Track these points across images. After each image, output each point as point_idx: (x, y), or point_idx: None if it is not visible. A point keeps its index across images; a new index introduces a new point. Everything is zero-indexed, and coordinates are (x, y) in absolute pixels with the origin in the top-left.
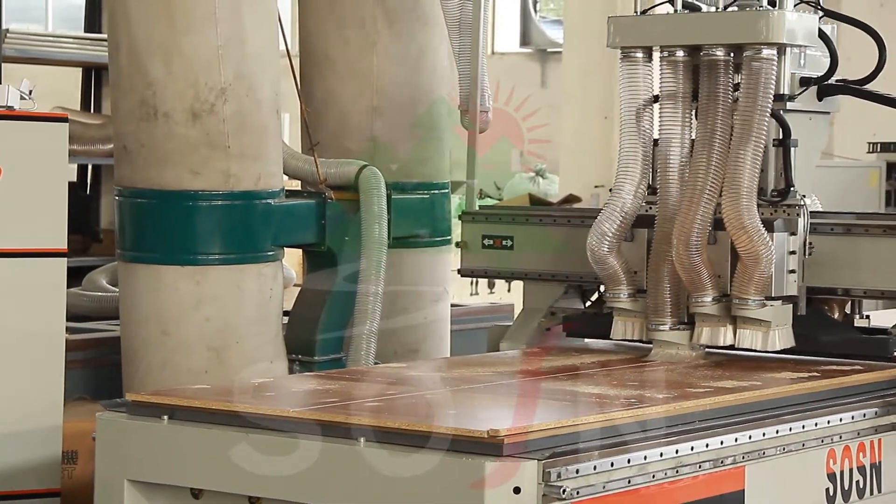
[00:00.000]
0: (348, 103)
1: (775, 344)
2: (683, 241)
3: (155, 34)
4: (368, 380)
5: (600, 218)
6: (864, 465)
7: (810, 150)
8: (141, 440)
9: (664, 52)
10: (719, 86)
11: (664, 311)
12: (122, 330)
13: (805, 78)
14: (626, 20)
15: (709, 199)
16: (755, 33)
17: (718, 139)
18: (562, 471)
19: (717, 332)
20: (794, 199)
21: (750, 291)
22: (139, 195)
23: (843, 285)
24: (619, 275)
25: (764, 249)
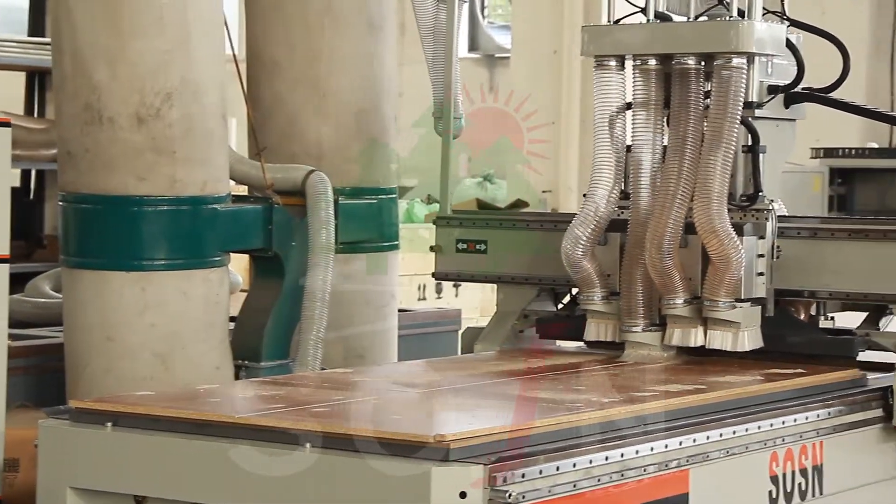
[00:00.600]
0: (295, 108)
1: (744, 344)
2: (656, 245)
3: (100, 39)
4: (315, 385)
5: (574, 222)
6: (806, 468)
7: (777, 156)
8: (84, 447)
9: (637, 60)
10: (690, 93)
11: (637, 312)
12: (66, 336)
13: (773, 86)
14: (600, 29)
15: (681, 203)
16: (725, 43)
17: (690, 145)
18: (507, 475)
19: (689, 334)
20: (762, 203)
21: (720, 294)
22: (84, 200)
23: (810, 287)
24: (593, 278)
25: (734, 253)
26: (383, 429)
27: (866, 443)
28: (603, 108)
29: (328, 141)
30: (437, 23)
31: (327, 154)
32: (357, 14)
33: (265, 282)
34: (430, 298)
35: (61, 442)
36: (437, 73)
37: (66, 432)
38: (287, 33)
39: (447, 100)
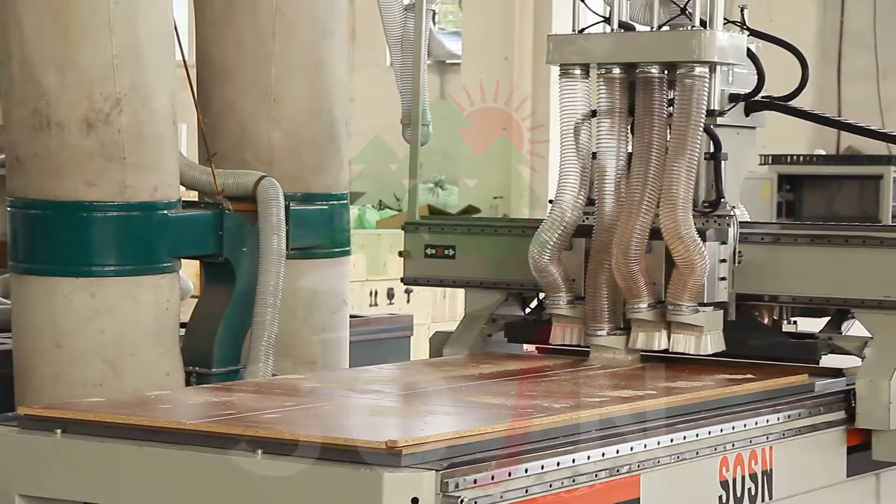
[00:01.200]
0: (246, 114)
1: (707, 348)
2: (623, 250)
3: (48, 44)
4: (266, 391)
5: (541, 228)
6: (755, 473)
7: (739, 163)
8: (33, 454)
9: (601, 69)
10: (654, 102)
11: (602, 316)
12: (15, 342)
13: (734, 94)
14: (565, 38)
15: (647, 210)
16: (688, 52)
17: (655, 153)
18: (459, 481)
19: (652, 337)
20: (724, 209)
21: (684, 298)
22: (32, 206)
23: (771, 292)
24: (559, 282)
25: (699, 258)
26: (335, 435)
27: (816, 448)
28: (568, 115)
29: (279, 146)
30: (406, 31)
31: (278, 159)
32: (307, 20)
33: (216, 288)
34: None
35: (10, 449)
36: (405, 80)
37: (14, 439)
38: (237, 39)
39: (415, 107)
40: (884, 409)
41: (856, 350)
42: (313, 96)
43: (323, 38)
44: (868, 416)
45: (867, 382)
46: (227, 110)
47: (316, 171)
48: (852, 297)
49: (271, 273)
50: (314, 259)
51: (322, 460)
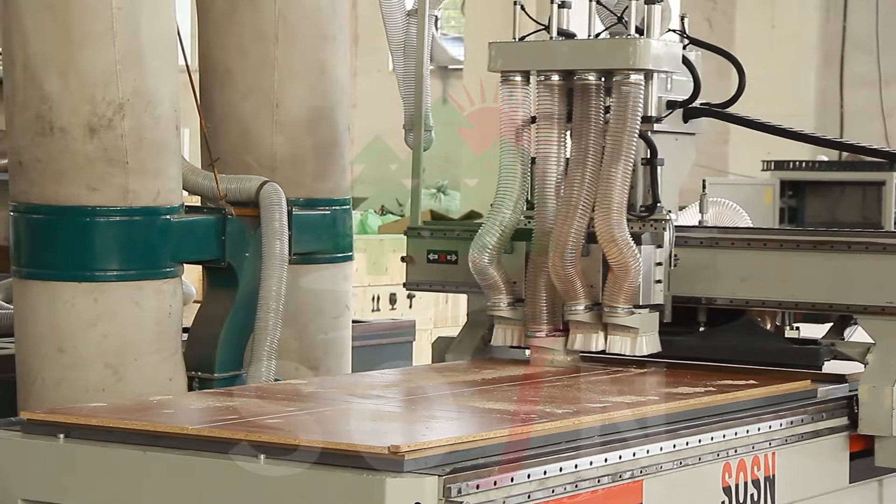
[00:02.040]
0: (249, 118)
1: (642, 349)
2: (559, 253)
3: (51, 48)
4: (269, 396)
5: (481, 231)
6: (758, 479)
7: (677, 168)
8: (36, 459)
9: (541, 75)
10: (591, 108)
11: (541, 318)
12: (17, 347)
13: (671, 101)
14: (507, 46)
15: (582, 213)
16: (624, 60)
17: (591, 158)
18: (462, 486)
19: (590, 338)
20: (660, 213)
21: (619, 300)
22: (35, 211)
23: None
24: (499, 284)
25: (633, 261)
26: (337, 440)
27: (819, 454)
28: (509, 121)
29: (282, 151)
30: (408, 37)
31: (281, 164)
32: (310, 24)
33: (218, 292)
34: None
35: (12, 454)
36: (408, 86)
37: (17, 444)
38: (240, 43)
39: (417, 113)
40: (886, 415)
41: (858, 356)
42: (316, 101)
43: (325, 43)
44: (870, 423)
45: (870, 388)
46: (230, 115)
47: (318, 176)
48: (855, 304)
49: (274, 278)
50: (317, 264)
51: (324, 465)
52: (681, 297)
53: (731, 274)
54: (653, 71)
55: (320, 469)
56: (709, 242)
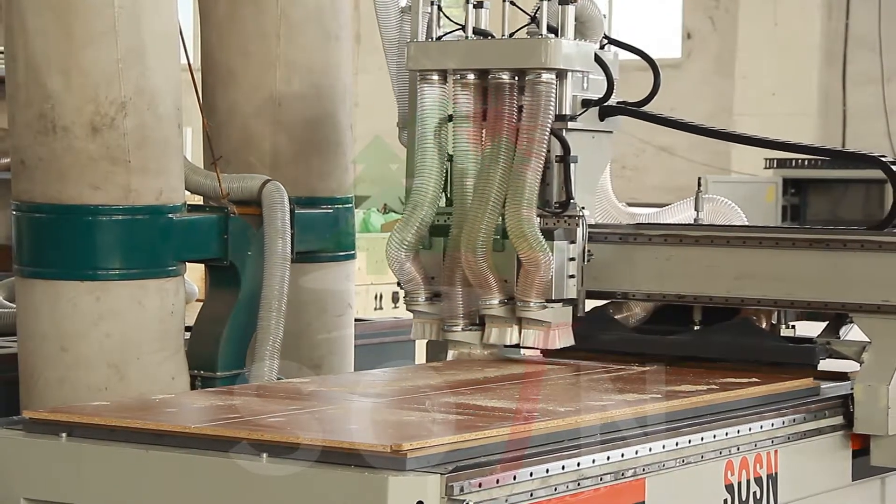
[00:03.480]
0: (251, 117)
1: (555, 342)
2: (471, 248)
3: (53, 47)
4: (271, 395)
5: (398, 226)
6: (760, 477)
7: (594, 165)
8: (38, 458)
9: (457, 74)
10: (505, 106)
11: (457, 313)
12: (20, 346)
13: (586, 100)
14: (424, 45)
15: (493, 209)
16: (535, 59)
17: (504, 155)
18: (465, 484)
19: (504, 332)
20: (573, 210)
21: (531, 295)
22: (38, 210)
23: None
24: (417, 280)
25: (542, 256)
26: (339, 438)
27: (821, 451)
28: (426, 119)
29: (284, 150)
30: (402, 35)
31: (283, 163)
32: (312, 23)
33: (221, 291)
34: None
35: (15, 453)
36: (402, 84)
37: (20, 443)
38: (242, 42)
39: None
40: (882, 413)
41: (854, 355)
42: (318, 100)
43: (328, 42)
44: (866, 422)
45: (865, 387)
46: (232, 114)
47: (321, 175)
48: (850, 302)
49: (276, 277)
50: (319, 262)
51: (326, 464)
52: (673, 295)
53: (727, 272)
54: (565, 70)
55: (322, 468)
56: (704, 240)
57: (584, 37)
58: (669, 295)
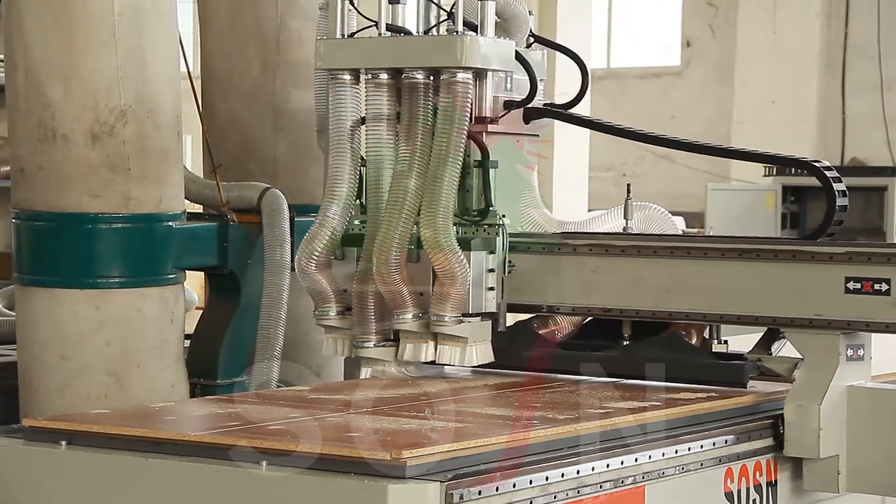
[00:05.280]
0: (251, 125)
1: (472, 359)
2: (384, 260)
3: (53, 56)
4: (271, 403)
5: (308, 236)
6: (760, 484)
7: (517, 171)
8: (38, 466)
9: (368, 74)
10: (419, 108)
11: (369, 328)
12: (20, 354)
13: (508, 101)
14: (334, 43)
15: (407, 217)
16: (450, 57)
17: (418, 160)
18: (464, 492)
19: (420, 348)
20: (493, 218)
21: (447, 309)
22: (37, 218)
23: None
24: (328, 292)
25: (459, 268)
26: (339, 446)
27: None
28: (338, 121)
29: (283, 158)
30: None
31: (283, 171)
32: (312, 31)
33: (221, 299)
34: None
35: (15, 461)
36: (320, 85)
37: (19, 451)
38: (241, 50)
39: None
40: (813, 435)
41: (785, 372)
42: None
43: None
44: (797, 444)
45: (796, 407)
46: (232, 122)
47: (320, 183)
48: (782, 316)
49: (276, 284)
50: None
51: (326, 471)
52: (598, 309)
53: (655, 284)
54: (481, 69)
55: (322, 475)
56: (631, 250)
57: (509, 35)
58: (595, 308)
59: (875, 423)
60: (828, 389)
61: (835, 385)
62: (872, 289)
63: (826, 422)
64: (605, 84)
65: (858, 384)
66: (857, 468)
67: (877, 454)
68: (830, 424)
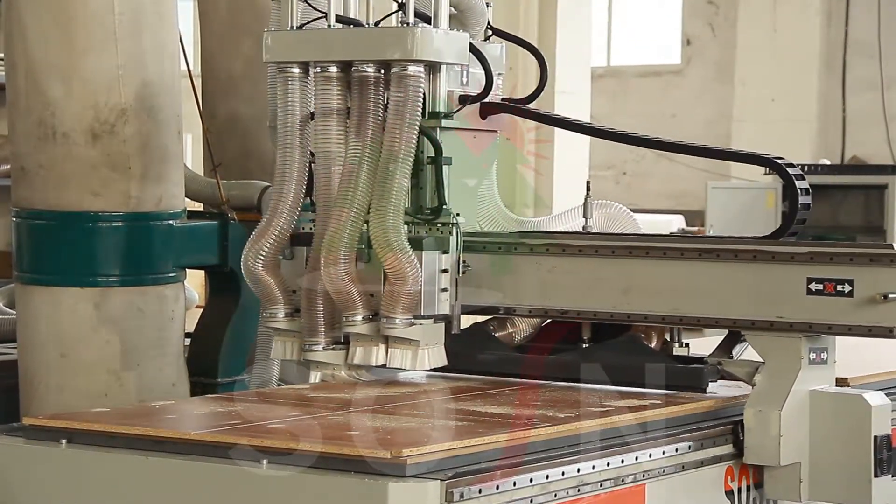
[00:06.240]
0: (251, 124)
1: (425, 363)
2: (332, 259)
3: (53, 54)
4: (271, 401)
5: (255, 234)
6: (760, 482)
7: (475, 168)
8: (38, 465)
9: (317, 67)
10: (370, 102)
11: (318, 330)
12: (20, 353)
13: (463, 96)
14: (281, 35)
15: (357, 216)
16: (401, 50)
17: (368, 156)
18: (465, 491)
19: (370, 352)
20: (446, 217)
21: (398, 310)
22: (38, 216)
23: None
24: (276, 293)
25: (410, 268)
26: (340, 444)
27: None
28: (286, 116)
29: None
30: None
31: None
32: None
33: (221, 298)
34: None
35: (15, 459)
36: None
37: (20, 450)
38: (242, 49)
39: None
40: (773, 442)
41: (746, 376)
42: None
43: None
44: (757, 452)
45: (756, 413)
46: (232, 121)
47: None
48: (742, 318)
49: None
50: None
51: (327, 470)
52: (556, 311)
53: (613, 285)
54: (434, 63)
55: (322, 474)
56: (588, 250)
57: (465, 27)
58: (552, 310)
59: (838, 430)
60: (789, 394)
61: (796, 390)
62: (835, 290)
63: (787, 428)
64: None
65: (821, 389)
66: (820, 476)
67: (840, 461)
68: (791, 431)
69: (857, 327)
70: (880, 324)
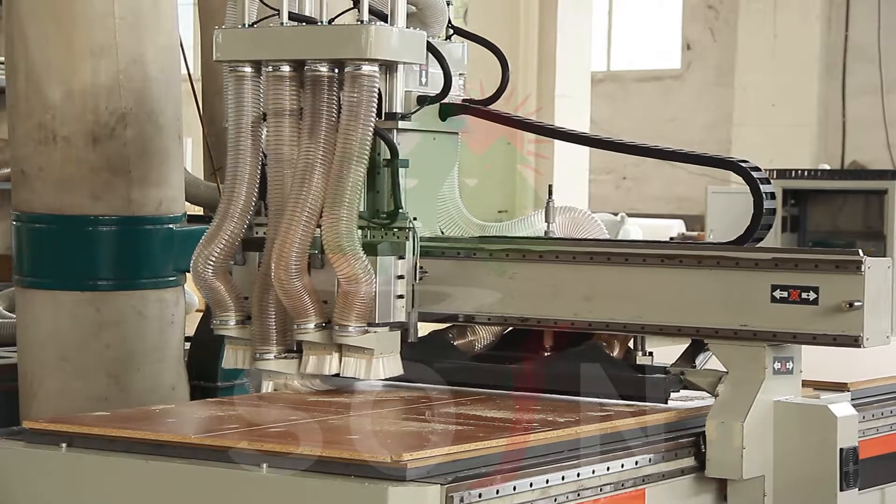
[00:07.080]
0: None
1: (379, 373)
2: (283, 265)
3: (54, 58)
4: (271, 405)
5: (204, 239)
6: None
7: (435, 170)
8: (38, 468)
9: (269, 66)
10: (323, 103)
11: (269, 338)
12: (20, 356)
13: (422, 97)
14: (232, 33)
15: (308, 220)
16: (354, 48)
17: (321, 158)
18: (465, 495)
19: (323, 361)
20: (403, 221)
21: (351, 318)
22: (38, 220)
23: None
24: (226, 300)
25: (363, 274)
26: (340, 448)
27: None
28: (237, 117)
29: None
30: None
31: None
32: None
33: None
34: None
35: (15, 463)
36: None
37: (20, 453)
38: None
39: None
40: (736, 454)
41: (709, 386)
42: None
43: None
44: (719, 464)
45: (718, 424)
46: None
47: None
48: (705, 326)
49: None
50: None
51: (327, 473)
52: (516, 318)
53: (574, 292)
54: (391, 62)
55: (322, 477)
56: (549, 256)
57: (425, 26)
58: (512, 318)
59: (804, 442)
60: (752, 405)
61: (760, 400)
62: (800, 297)
63: (750, 440)
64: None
65: (786, 399)
66: (784, 490)
67: (805, 474)
68: (755, 443)
69: (822, 336)
70: (846, 332)
